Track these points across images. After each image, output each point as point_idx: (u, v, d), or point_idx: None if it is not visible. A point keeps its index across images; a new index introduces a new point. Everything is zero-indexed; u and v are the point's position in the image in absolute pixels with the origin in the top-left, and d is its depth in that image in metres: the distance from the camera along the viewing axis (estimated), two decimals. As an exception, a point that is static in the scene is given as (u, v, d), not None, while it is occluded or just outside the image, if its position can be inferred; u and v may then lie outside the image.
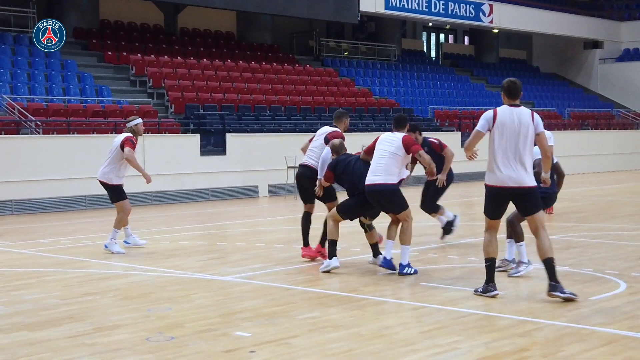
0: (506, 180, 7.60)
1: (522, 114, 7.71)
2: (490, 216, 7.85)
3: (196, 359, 5.79)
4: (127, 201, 11.34)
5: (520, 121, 7.65)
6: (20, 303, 7.93)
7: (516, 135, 7.61)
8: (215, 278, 9.17)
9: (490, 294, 7.77)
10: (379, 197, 9.13)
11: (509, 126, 7.61)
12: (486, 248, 7.82)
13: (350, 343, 6.19)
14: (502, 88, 7.91)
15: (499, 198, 7.75)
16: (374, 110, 28.75)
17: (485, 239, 7.87)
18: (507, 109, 7.74)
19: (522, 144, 7.62)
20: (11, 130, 19.01)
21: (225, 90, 25.38)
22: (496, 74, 40.51)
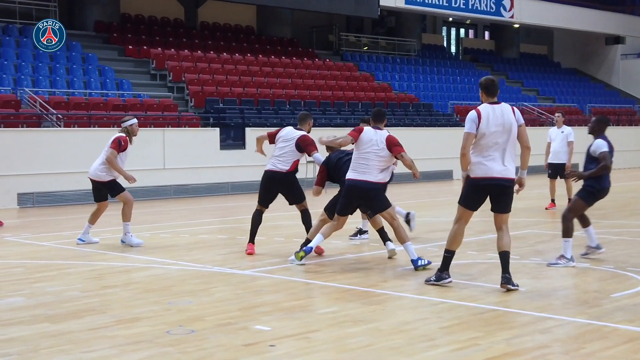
0: (493, 172, 7.87)
1: (504, 110, 8.01)
2: (469, 207, 8.07)
3: (216, 353, 5.81)
4: (127, 192, 11.34)
5: (503, 117, 7.94)
6: (42, 295, 7.98)
7: (501, 130, 7.88)
8: (235, 272, 9.19)
9: (445, 281, 8.10)
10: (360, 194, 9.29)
11: (493, 123, 7.87)
12: (452, 240, 8.08)
13: (369, 338, 6.19)
14: (481, 87, 8.19)
15: (481, 190, 7.99)
16: (393, 105, 28.68)
17: (453, 229, 8.09)
18: (489, 107, 7.99)
19: (506, 139, 7.91)
20: (33, 123, 19.14)
21: (245, 85, 25.42)
22: (517, 69, 40.31)
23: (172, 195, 19.95)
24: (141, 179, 19.18)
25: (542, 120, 32.13)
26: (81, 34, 26.65)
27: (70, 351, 5.87)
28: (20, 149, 17.58)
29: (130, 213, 11.26)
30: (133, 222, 11.65)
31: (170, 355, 5.74)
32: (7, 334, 6.38)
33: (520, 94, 36.06)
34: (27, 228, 13.64)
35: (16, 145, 17.48)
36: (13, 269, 9.69)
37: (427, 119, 28.37)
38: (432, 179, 25.21)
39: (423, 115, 28.77)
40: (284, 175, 10.16)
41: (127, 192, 11.36)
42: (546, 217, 14.78)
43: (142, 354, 5.77)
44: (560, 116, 16.18)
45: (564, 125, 16.10)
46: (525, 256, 10.05)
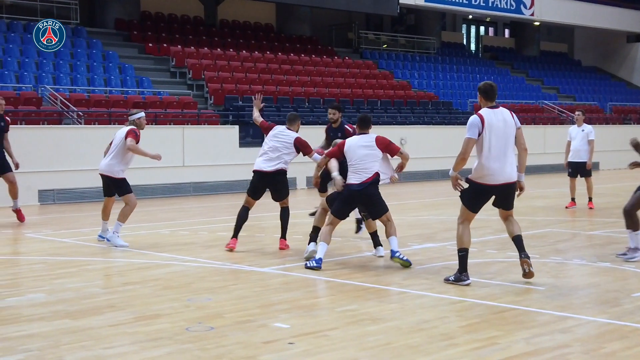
0: (499, 178, 8.03)
1: (504, 114, 8.14)
2: (473, 210, 8.24)
3: (235, 350, 5.82)
4: (133, 194, 11.23)
5: (505, 120, 8.08)
6: (63, 291, 8.04)
7: (504, 134, 8.04)
8: (254, 269, 9.21)
9: (463, 282, 8.10)
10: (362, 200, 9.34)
11: (496, 126, 8.01)
12: (461, 238, 8.17)
13: (388, 336, 6.18)
14: (480, 91, 8.21)
15: (485, 194, 8.19)
16: (412, 103, 28.63)
17: (459, 229, 8.22)
18: (490, 112, 8.09)
19: (509, 142, 8.09)
20: (54, 120, 19.27)
21: (264, 82, 25.45)
22: (537, 67, 40.11)
23: (191, 193, 20.01)
24: (160, 176, 19.32)
25: (562, 119, 31.95)
26: (102, 31, 26.80)
27: (91, 347, 5.91)
28: (41, 146, 17.69)
29: (128, 215, 11.06)
30: (149, 220, 11.71)
31: (189, 352, 5.76)
32: (28, 329, 6.43)
33: (540, 92, 35.88)
34: (47, 225, 13.73)
35: (37, 142, 17.59)
36: (34, 266, 9.76)
37: (446, 117, 28.29)
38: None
39: (442, 113, 28.69)
40: (274, 175, 10.38)
41: (133, 194, 11.23)
42: (566, 216, 14.71)
43: (161, 351, 5.79)
44: (580, 114, 16.08)
45: (584, 123, 15.99)
46: (545, 255, 10.00)
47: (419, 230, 12.73)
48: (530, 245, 10.67)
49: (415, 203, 18.00)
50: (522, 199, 8.58)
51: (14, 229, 13.22)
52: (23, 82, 20.92)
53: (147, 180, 19.09)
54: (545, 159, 28.33)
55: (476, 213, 8.29)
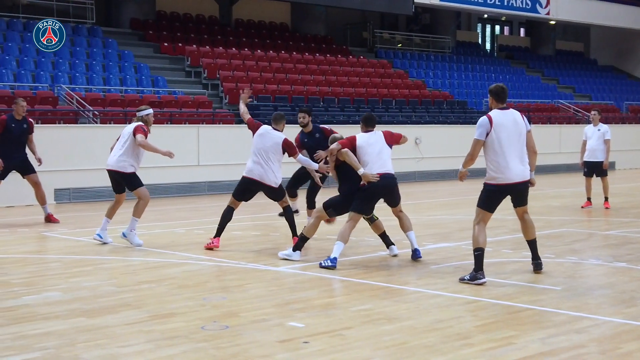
0: (513, 177, 8.24)
1: (515, 115, 8.36)
2: (489, 210, 8.42)
3: (250, 349, 5.83)
4: (145, 188, 11.12)
5: (515, 121, 8.29)
6: (78, 290, 8.07)
7: (515, 134, 8.24)
8: (269, 268, 9.22)
9: (479, 281, 8.15)
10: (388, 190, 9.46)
11: (507, 127, 8.20)
12: (477, 238, 8.28)
13: (404, 336, 6.17)
14: (491, 93, 8.41)
15: (500, 195, 8.39)
16: (427, 103, 28.58)
17: (475, 230, 8.35)
18: (500, 113, 8.29)
19: (520, 142, 8.29)
20: (70, 119, 19.36)
21: (279, 82, 25.47)
22: (552, 66, 39.94)
23: (206, 192, 20.05)
24: (175, 175, 19.37)
25: (578, 118, 31.80)
26: (117, 31, 26.90)
27: (106, 345, 5.93)
28: (57, 145, 17.76)
29: (143, 210, 10.99)
30: (164, 219, 11.72)
31: (204, 351, 5.77)
32: (45, 327, 6.46)
33: (556, 92, 35.73)
34: (63, 223, 13.78)
35: (53, 141, 17.67)
36: (50, 264, 9.81)
37: (461, 116, 28.21)
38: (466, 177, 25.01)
39: (457, 112, 28.63)
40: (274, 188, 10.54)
41: (145, 188, 11.13)
42: (582, 216, 14.64)
43: (177, 349, 5.81)
44: (596, 114, 16.00)
45: (600, 123, 15.91)
46: (561, 255, 9.96)
47: (433, 230, 12.71)
48: (546, 245, 10.64)
49: (430, 202, 17.96)
50: (538, 199, 8.63)
51: (29, 228, 13.29)
52: (39, 81, 21.03)
53: (162, 179, 19.14)
54: (561, 159, 28.21)
55: (492, 213, 8.46)
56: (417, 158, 24.49)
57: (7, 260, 10.14)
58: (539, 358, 5.59)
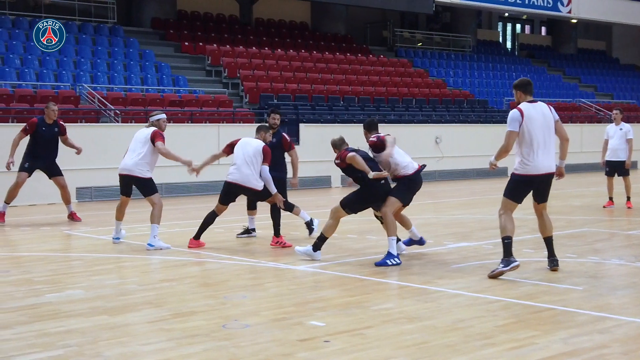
0: (541, 168, 8.40)
1: (543, 107, 8.52)
2: (515, 200, 8.57)
3: (271, 347, 5.84)
4: (159, 194, 11.06)
5: (544, 114, 8.46)
6: (100, 288, 8.12)
7: (544, 126, 8.41)
8: (289, 267, 9.23)
9: (513, 264, 8.34)
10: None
11: (536, 119, 8.37)
12: (505, 227, 8.45)
13: (424, 335, 6.16)
14: (517, 87, 8.58)
15: (527, 185, 8.53)
16: (447, 102, 28.50)
17: (502, 219, 8.51)
18: (529, 105, 8.46)
19: (549, 134, 8.46)
20: (91, 118, 19.47)
21: (299, 81, 25.49)
22: (574, 65, 39.70)
23: (226, 191, 20.07)
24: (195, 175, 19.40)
25: (600, 117, 31.59)
26: (138, 30, 27.03)
27: (128, 343, 5.96)
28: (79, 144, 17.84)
29: (159, 215, 10.80)
30: (184, 217, 11.78)
31: (225, 349, 5.78)
32: (67, 325, 6.50)
33: (577, 91, 35.51)
34: (85, 222, 13.87)
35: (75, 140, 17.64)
36: (72, 262, 9.88)
37: (481, 115, 28.11)
38: (487, 176, 24.96)
39: (478, 111, 28.53)
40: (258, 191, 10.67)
41: (159, 194, 11.06)
42: (604, 216, 14.54)
43: (198, 347, 5.82)
44: (618, 113, 15.88)
45: (622, 122, 15.80)
46: (583, 255, 9.89)
47: (454, 229, 12.67)
48: (568, 244, 10.59)
49: (451, 202, 17.90)
50: (560, 198, 8.60)
51: (52, 226, 13.38)
52: (61, 80, 21.16)
53: (181, 178, 19.20)
54: (583, 158, 28.05)
55: (518, 204, 8.60)
56: (438, 157, 24.42)
57: (29, 258, 10.22)
58: (561, 358, 5.55)
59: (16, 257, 10.54)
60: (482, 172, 25.21)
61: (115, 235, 11.28)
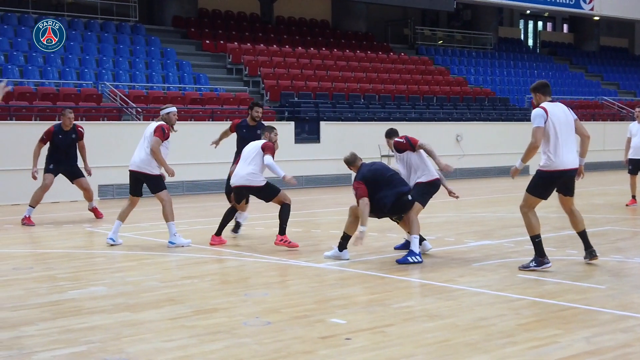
0: (568, 164, 8.53)
1: (564, 107, 8.72)
2: (539, 196, 8.67)
3: (293, 344, 5.85)
4: (167, 191, 10.87)
5: (565, 112, 8.65)
6: (122, 285, 8.17)
7: (566, 123, 8.59)
8: (310, 265, 9.24)
9: (546, 266, 8.56)
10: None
11: (559, 117, 8.54)
12: (531, 225, 8.60)
13: (445, 333, 6.14)
14: (537, 90, 8.73)
15: (553, 182, 8.64)
16: (468, 100, 28.40)
17: (527, 218, 8.64)
18: (552, 105, 8.62)
19: (571, 131, 8.64)
20: (113, 116, 19.58)
21: (319, 79, 25.48)
22: (596, 62, 39.42)
23: (247, 189, 20.12)
24: (216, 172, 19.48)
25: (623, 115, 31.36)
26: (160, 29, 27.14)
27: (150, 340, 5.99)
28: (101, 142, 17.98)
29: (172, 212, 10.70)
30: (205, 215, 11.80)
31: (247, 346, 5.80)
32: (90, 322, 6.55)
33: (599, 88, 35.27)
34: (107, 219, 13.95)
35: (97, 138, 17.89)
36: (94, 259, 9.94)
37: (503, 113, 27.99)
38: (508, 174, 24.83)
39: (499, 109, 28.40)
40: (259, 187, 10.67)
41: (167, 191, 10.85)
42: (626, 214, 14.44)
43: (219, 344, 5.85)
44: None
45: (645, 120, 15.66)
46: (606, 253, 9.82)
47: (475, 227, 12.63)
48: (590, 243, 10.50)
49: (472, 200, 17.84)
50: (582, 196, 8.61)
51: (74, 223, 13.48)
52: (84, 78, 21.29)
53: (202, 175, 19.29)
54: (605, 156, 27.86)
55: (541, 200, 8.70)
56: (459, 155, 24.34)
57: (52, 255, 10.31)
58: (584, 357, 5.52)
59: (39, 254, 10.63)
60: (503, 170, 25.12)
61: (112, 236, 10.85)
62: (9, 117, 17.72)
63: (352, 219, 9.46)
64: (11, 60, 20.85)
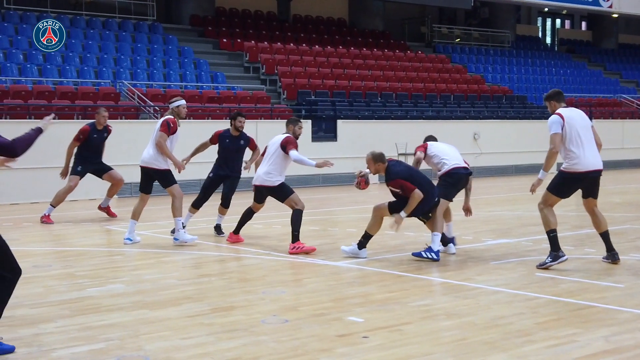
0: (590, 165, 8.58)
1: (579, 111, 8.88)
2: (559, 195, 8.74)
3: (310, 342, 5.86)
4: (178, 185, 10.82)
5: (582, 115, 8.80)
6: (141, 283, 8.21)
7: (586, 127, 8.70)
8: (327, 263, 9.24)
9: (562, 259, 8.63)
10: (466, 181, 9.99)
11: (577, 120, 8.66)
12: (549, 221, 8.65)
13: (463, 332, 6.14)
14: (551, 98, 8.92)
15: (576, 183, 8.69)
16: (486, 98, 28.30)
17: (544, 213, 8.70)
18: (568, 110, 8.76)
19: (590, 134, 8.71)
20: (131, 115, 19.65)
21: (336, 77, 25.48)
22: (614, 60, 39.18)
23: (264, 187, 20.15)
24: (234, 170, 19.51)
25: (642, 113, 31.16)
26: (177, 27, 27.23)
27: (169, 337, 6.02)
28: (119, 140, 18.03)
29: (181, 207, 10.67)
30: (229, 213, 11.81)
31: (265, 344, 5.82)
32: (109, 319, 6.58)
33: (618, 86, 35.05)
34: (125, 217, 14.00)
35: (115, 136, 17.84)
36: (113, 257, 10.00)
37: (520, 111, 27.87)
38: (526, 172, 24.78)
39: (517, 107, 28.29)
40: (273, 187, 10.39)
41: (178, 185, 10.79)
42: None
43: (237, 342, 5.87)
44: (661, 108, 15.66)
45: (665, 118, 15.57)
46: (625, 252, 9.75)
47: (493, 226, 12.59)
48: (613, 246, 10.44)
49: (489, 198, 17.79)
50: (600, 195, 8.58)
51: (93, 221, 13.55)
52: (102, 77, 21.39)
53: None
54: (624, 154, 27.69)
55: (561, 199, 8.79)
56: (476, 153, 24.26)
57: (71, 252, 10.37)
58: (603, 356, 5.50)
59: (59, 251, 10.70)
60: (521, 169, 25.03)
61: (128, 236, 10.86)
62: (27, 116, 17.82)
63: (376, 220, 9.42)
64: (30, 59, 20.98)
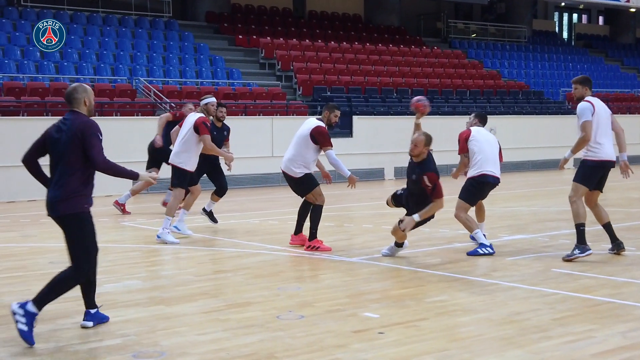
0: (611, 155, 8.82)
1: (602, 102, 8.96)
2: (587, 185, 8.82)
3: (326, 338, 5.86)
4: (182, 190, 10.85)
5: (604, 107, 8.94)
6: (157, 279, 8.24)
7: (607, 118, 8.88)
8: (343, 259, 9.24)
9: (588, 252, 8.73)
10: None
11: (602, 111, 8.84)
12: (578, 214, 8.78)
13: (479, 328, 6.12)
14: (582, 82, 8.89)
15: (599, 170, 8.83)
16: (502, 93, 28.20)
17: (575, 206, 8.81)
18: (595, 99, 8.87)
19: (609, 125, 8.90)
20: (147, 112, 19.72)
21: (352, 73, 25.46)
22: (632, 55, 38.93)
23: (279, 183, 20.15)
24: (250, 166, 19.57)
25: (660, 108, 30.95)
26: (193, 24, 27.28)
27: (185, 333, 6.04)
28: (136, 137, 18.10)
29: (175, 208, 10.62)
30: (239, 209, 11.84)
31: (280, 340, 5.83)
32: (125, 315, 6.61)
33: (635, 81, 34.83)
34: (142, 213, 14.07)
35: (132, 133, 18.02)
36: (129, 253, 10.03)
37: (537, 106, 27.75)
38: (542, 168, 24.66)
39: (533, 103, 28.17)
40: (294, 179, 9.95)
41: (183, 191, 10.88)
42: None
43: (253, 338, 5.88)
44: (679, 103, 15.55)
45: (683, 112, 15.46)
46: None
47: (509, 222, 12.55)
48: (626, 237, 10.39)
49: (505, 194, 17.71)
50: (617, 190, 8.59)
51: (109, 218, 13.60)
52: (118, 74, 21.47)
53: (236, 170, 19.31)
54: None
55: (589, 189, 8.86)
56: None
57: (88, 249, 10.39)
58: (620, 352, 5.47)
59: (75, 247, 10.72)
60: (537, 164, 24.91)
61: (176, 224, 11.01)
62: (44, 113, 17.91)
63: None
64: (47, 56, 21.08)
